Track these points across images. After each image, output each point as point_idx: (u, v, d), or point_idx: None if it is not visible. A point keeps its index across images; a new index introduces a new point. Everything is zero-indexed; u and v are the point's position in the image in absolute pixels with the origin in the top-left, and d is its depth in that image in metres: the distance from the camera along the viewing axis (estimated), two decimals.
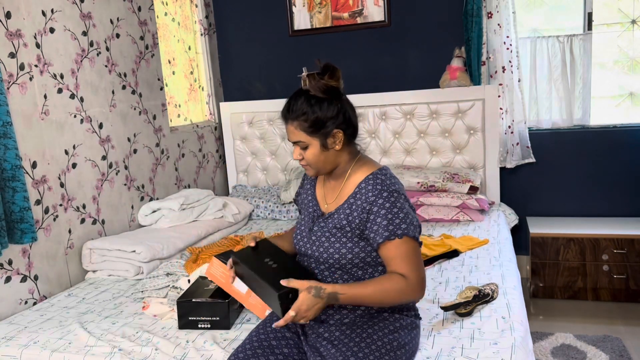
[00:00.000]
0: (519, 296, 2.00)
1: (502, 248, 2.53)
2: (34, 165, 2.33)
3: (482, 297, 1.89)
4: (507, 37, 3.27)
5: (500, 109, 3.36)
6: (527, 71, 3.42)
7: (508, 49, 3.28)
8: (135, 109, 3.02)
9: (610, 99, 3.37)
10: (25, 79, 2.30)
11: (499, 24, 3.27)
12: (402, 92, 3.46)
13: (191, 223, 2.92)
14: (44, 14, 2.41)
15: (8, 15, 2.22)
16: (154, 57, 3.20)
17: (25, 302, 2.27)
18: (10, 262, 2.21)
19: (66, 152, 2.51)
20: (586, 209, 3.44)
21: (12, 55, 2.24)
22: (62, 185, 2.48)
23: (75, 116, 2.57)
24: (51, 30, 2.45)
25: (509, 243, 2.65)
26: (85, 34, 2.65)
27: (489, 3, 3.29)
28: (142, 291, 2.19)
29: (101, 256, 2.53)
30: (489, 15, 3.30)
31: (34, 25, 2.36)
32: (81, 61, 2.62)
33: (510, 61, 3.29)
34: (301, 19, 3.71)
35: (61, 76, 2.50)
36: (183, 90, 3.68)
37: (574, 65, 3.33)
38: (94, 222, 2.67)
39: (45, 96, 2.40)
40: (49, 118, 2.42)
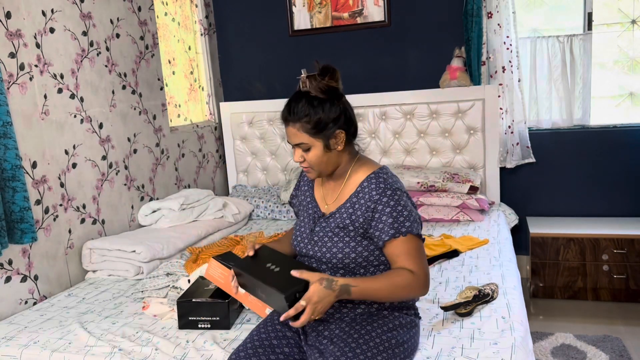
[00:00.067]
0: (519, 296, 2.00)
1: (502, 248, 2.53)
2: (34, 165, 2.33)
3: (482, 297, 1.89)
4: (507, 37, 3.27)
5: (500, 109, 3.36)
6: (527, 71, 3.42)
7: (508, 49, 3.28)
8: (135, 109, 3.02)
9: (610, 99, 3.37)
10: (25, 79, 2.30)
11: (499, 24, 3.27)
12: (402, 92, 3.45)
13: (191, 223, 2.92)
14: (44, 14, 2.41)
15: (8, 15, 2.22)
16: (154, 57, 3.20)
17: (25, 302, 2.27)
18: (10, 262, 2.21)
19: (66, 152, 2.51)
20: (586, 209, 3.44)
21: (12, 55, 2.24)
22: (62, 185, 2.48)
23: (75, 116, 2.57)
24: (51, 30, 2.45)
25: (509, 243, 2.65)
26: (85, 34, 2.65)
27: (489, 3, 3.29)
28: (142, 291, 2.19)
29: (101, 256, 2.53)
30: (489, 15, 3.30)
31: (34, 25, 2.36)
32: (81, 61, 2.62)
33: (510, 61, 3.29)
34: (301, 19, 3.71)
35: (61, 76, 2.50)
36: (183, 90, 3.68)
37: (574, 65, 3.33)
38: (94, 222, 2.67)
39: (45, 96, 2.40)
40: (49, 118, 2.42)
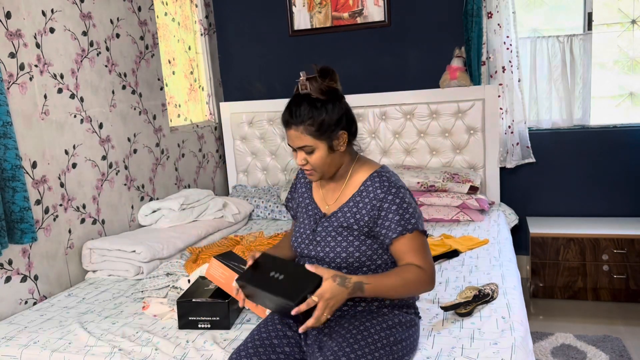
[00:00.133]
0: (519, 296, 1.99)
1: (502, 248, 2.53)
2: (34, 165, 2.33)
3: (482, 297, 1.89)
4: (507, 37, 3.27)
5: (500, 109, 3.36)
6: (527, 71, 3.42)
7: (508, 49, 3.28)
8: (135, 109, 3.02)
9: (610, 99, 3.37)
10: (25, 79, 2.30)
11: (499, 24, 3.27)
12: (402, 92, 3.45)
13: (191, 223, 2.92)
14: (44, 14, 2.41)
15: (8, 15, 2.22)
16: (154, 57, 3.20)
17: (25, 302, 2.27)
18: (10, 262, 2.21)
19: (66, 152, 2.51)
20: (586, 209, 3.43)
21: (12, 55, 2.24)
22: (62, 185, 2.48)
23: (75, 116, 2.57)
24: (51, 30, 2.45)
25: (509, 243, 2.65)
26: (85, 34, 2.65)
27: (489, 3, 3.29)
28: (142, 291, 2.19)
29: (101, 256, 2.53)
30: (489, 15, 3.30)
31: (34, 25, 2.36)
32: (81, 61, 2.62)
33: (510, 61, 3.29)
34: (301, 19, 3.71)
35: (61, 76, 2.50)
36: (183, 90, 3.68)
37: (574, 65, 3.33)
38: (94, 222, 2.67)
39: (45, 96, 2.40)
40: (49, 118, 2.42)
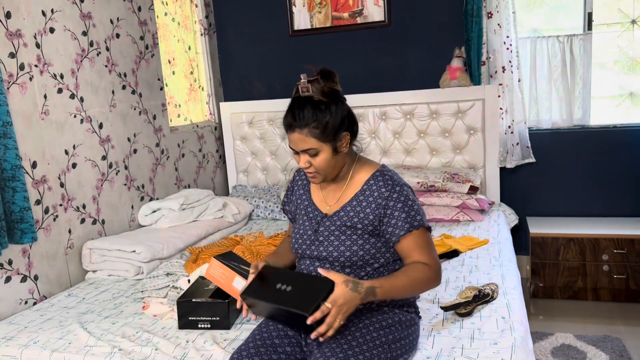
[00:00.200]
0: (519, 296, 1.99)
1: (502, 248, 2.53)
2: (34, 165, 2.33)
3: (482, 297, 1.89)
4: (507, 37, 3.27)
5: (500, 109, 3.36)
6: (527, 71, 3.42)
7: (508, 49, 3.28)
8: (135, 109, 3.02)
9: (610, 99, 3.37)
10: (25, 79, 2.30)
11: (499, 24, 3.27)
12: (402, 92, 3.45)
13: (191, 223, 2.92)
14: (44, 14, 2.41)
15: (8, 15, 2.22)
16: (154, 57, 3.20)
17: (25, 302, 2.27)
18: (10, 262, 2.21)
19: (66, 152, 2.51)
20: (586, 209, 3.43)
21: (12, 55, 2.24)
22: (62, 185, 2.48)
23: (75, 116, 2.57)
24: (51, 30, 2.45)
25: (509, 243, 2.65)
26: (85, 34, 2.65)
27: (489, 3, 3.28)
28: (142, 291, 2.19)
29: (101, 256, 2.53)
30: (489, 15, 3.30)
31: (34, 25, 2.36)
32: (81, 61, 2.62)
33: (510, 61, 3.29)
34: (301, 19, 3.71)
35: (61, 76, 2.50)
36: (183, 90, 3.68)
37: (574, 65, 3.33)
38: (94, 222, 2.67)
39: (45, 96, 2.40)
40: (49, 118, 2.42)
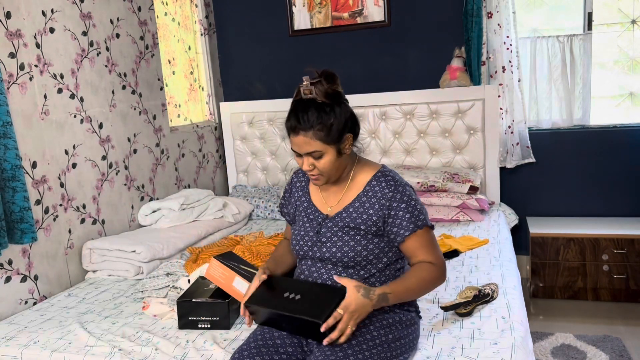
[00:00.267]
0: (519, 296, 1.99)
1: (502, 248, 2.53)
2: (34, 165, 2.33)
3: (482, 297, 1.89)
4: (507, 37, 3.27)
5: (500, 109, 3.36)
6: (527, 71, 3.42)
7: (508, 49, 3.28)
8: (135, 109, 3.02)
9: (610, 99, 3.37)
10: (25, 79, 2.30)
11: (499, 24, 3.27)
12: (402, 92, 3.45)
13: (191, 223, 2.92)
14: (44, 14, 2.41)
15: (8, 15, 2.22)
16: (154, 57, 3.20)
17: (25, 302, 2.27)
18: (10, 262, 2.21)
19: (66, 152, 2.51)
20: (586, 209, 3.43)
21: (12, 55, 2.24)
22: (62, 185, 2.48)
23: (75, 116, 2.57)
24: (51, 30, 2.45)
25: (509, 243, 2.65)
26: (85, 34, 2.65)
27: (489, 3, 3.28)
28: (142, 291, 2.19)
29: (101, 256, 2.53)
30: (489, 15, 3.30)
31: (34, 25, 2.36)
32: (81, 61, 2.62)
33: (510, 61, 3.29)
34: (301, 19, 3.71)
35: (61, 76, 2.50)
36: (183, 90, 3.68)
37: (574, 65, 3.33)
38: (94, 222, 2.67)
39: (45, 96, 2.40)
40: (49, 118, 2.42)
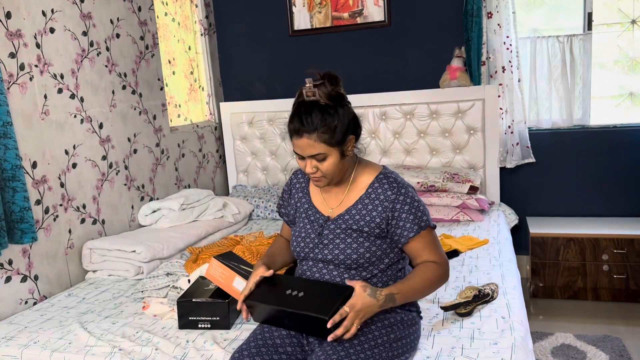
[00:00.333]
0: (519, 296, 2.00)
1: (502, 248, 2.53)
2: (34, 165, 2.33)
3: (482, 297, 1.89)
4: (507, 37, 3.27)
5: (500, 109, 3.36)
6: (527, 71, 3.42)
7: (508, 49, 3.28)
8: (135, 109, 3.02)
9: (610, 99, 3.37)
10: (26, 79, 2.30)
11: (499, 24, 3.27)
12: (402, 92, 3.45)
13: (191, 223, 2.92)
14: (44, 14, 2.41)
15: (8, 15, 2.22)
16: (154, 57, 3.20)
17: (26, 302, 2.27)
18: (10, 262, 2.21)
19: (66, 152, 2.51)
20: (586, 209, 3.43)
21: (12, 55, 2.24)
22: (62, 185, 2.48)
23: (75, 116, 2.57)
24: (51, 30, 2.45)
25: (509, 243, 2.65)
26: (85, 34, 2.65)
27: (489, 3, 3.29)
28: (142, 291, 2.19)
29: (101, 256, 2.53)
30: (489, 15, 3.30)
31: (34, 25, 2.36)
32: (81, 61, 2.62)
33: (510, 61, 3.29)
34: (301, 19, 3.71)
35: (61, 76, 2.50)
36: (183, 90, 3.68)
37: (574, 65, 3.33)
38: (94, 222, 2.67)
39: (45, 96, 2.40)
40: (49, 118, 2.42)
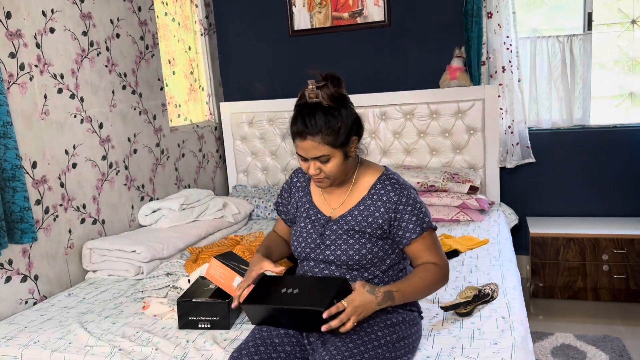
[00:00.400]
0: (519, 296, 2.00)
1: (502, 248, 2.53)
2: (34, 165, 2.33)
3: (482, 297, 1.89)
4: (507, 37, 3.27)
5: (500, 109, 3.36)
6: (527, 71, 3.42)
7: (508, 49, 3.28)
8: (135, 109, 3.02)
9: (610, 99, 3.37)
10: (26, 79, 2.30)
11: (499, 24, 3.27)
12: (402, 92, 3.45)
13: (191, 223, 2.92)
14: (44, 14, 2.41)
15: (8, 15, 2.22)
16: (154, 57, 3.20)
17: (26, 302, 2.27)
18: (10, 262, 2.21)
19: (66, 152, 2.51)
20: (586, 209, 3.43)
21: (12, 55, 2.24)
22: (62, 185, 2.48)
23: (75, 116, 2.57)
24: (51, 30, 2.45)
25: (509, 243, 2.65)
26: (85, 34, 2.65)
27: (489, 3, 3.29)
28: (142, 291, 2.19)
29: (101, 256, 2.53)
30: (489, 15, 3.30)
31: (34, 25, 2.36)
32: (81, 61, 2.62)
33: (510, 61, 3.29)
34: (301, 19, 3.71)
35: (61, 76, 2.50)
36: (183, 90, 3.68)
37: (574, 65, 3.33)
38: (94, 222, 2.67)
39: (45, 96, 2.40)
40: (49, 118, 2.42)
